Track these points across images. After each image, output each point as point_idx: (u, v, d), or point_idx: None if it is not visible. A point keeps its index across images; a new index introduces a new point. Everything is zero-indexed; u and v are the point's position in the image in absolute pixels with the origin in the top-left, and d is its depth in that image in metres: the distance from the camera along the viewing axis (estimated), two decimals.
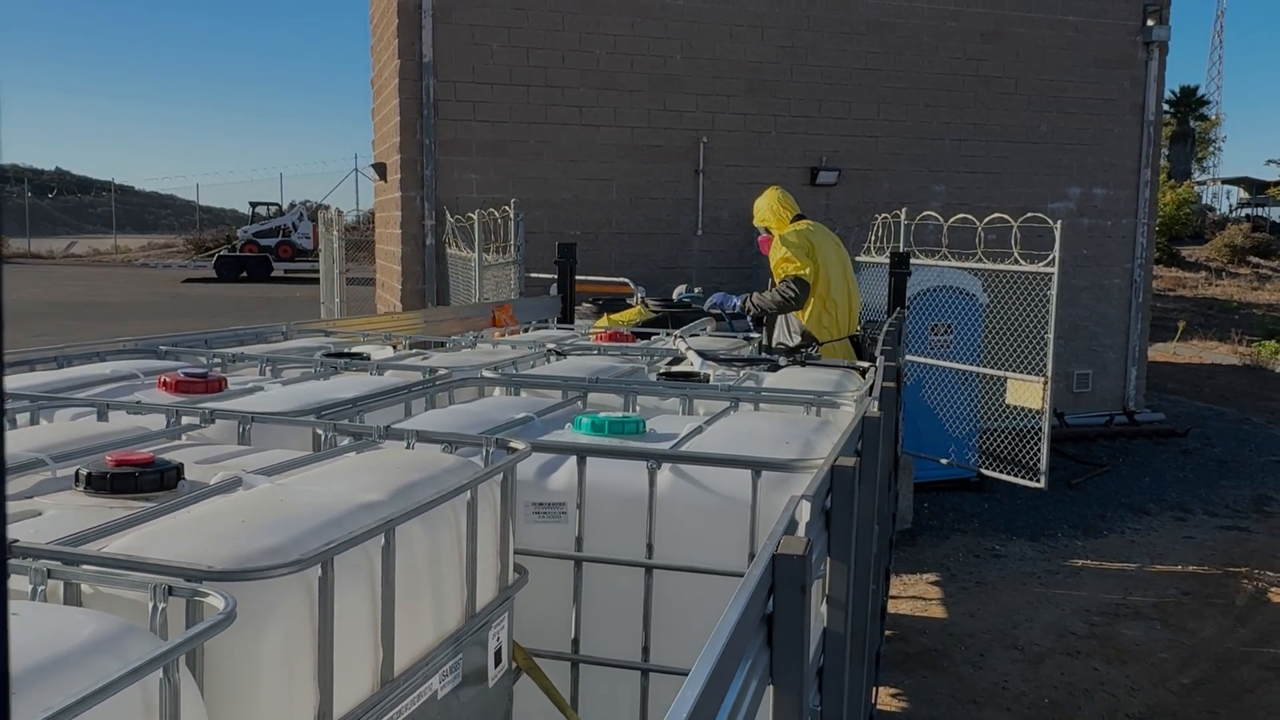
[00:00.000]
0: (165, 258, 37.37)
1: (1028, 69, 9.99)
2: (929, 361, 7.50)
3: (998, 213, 7.45)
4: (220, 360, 2.93)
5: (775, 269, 5.45)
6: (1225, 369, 14.98)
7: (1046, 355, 6.80)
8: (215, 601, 1.07)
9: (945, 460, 7.38)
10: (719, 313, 5.79)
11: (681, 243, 9.22)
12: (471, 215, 7.58)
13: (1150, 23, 10.21)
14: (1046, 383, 6.71)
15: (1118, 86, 10.29)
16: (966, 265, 7.33)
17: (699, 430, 2.15)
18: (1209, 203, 39.51)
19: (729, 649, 0.87)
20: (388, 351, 3.30)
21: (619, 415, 2.19)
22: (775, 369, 3.17)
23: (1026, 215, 7.09)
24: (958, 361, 7.47)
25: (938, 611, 5.66)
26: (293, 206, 33.67)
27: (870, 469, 1.84)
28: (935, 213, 7.88)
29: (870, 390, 2.50)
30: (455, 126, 8.62)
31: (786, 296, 5.30)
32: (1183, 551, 6.74)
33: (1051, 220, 6.85)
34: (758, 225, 5.79)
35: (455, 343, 3.63)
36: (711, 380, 2.82)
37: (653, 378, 2.88)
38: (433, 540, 1.49)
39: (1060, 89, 10.11)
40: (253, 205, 33.70)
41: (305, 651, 1.22)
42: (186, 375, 2.38)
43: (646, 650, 1.88)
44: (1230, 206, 41.59)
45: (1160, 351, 15.43)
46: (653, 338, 4.10)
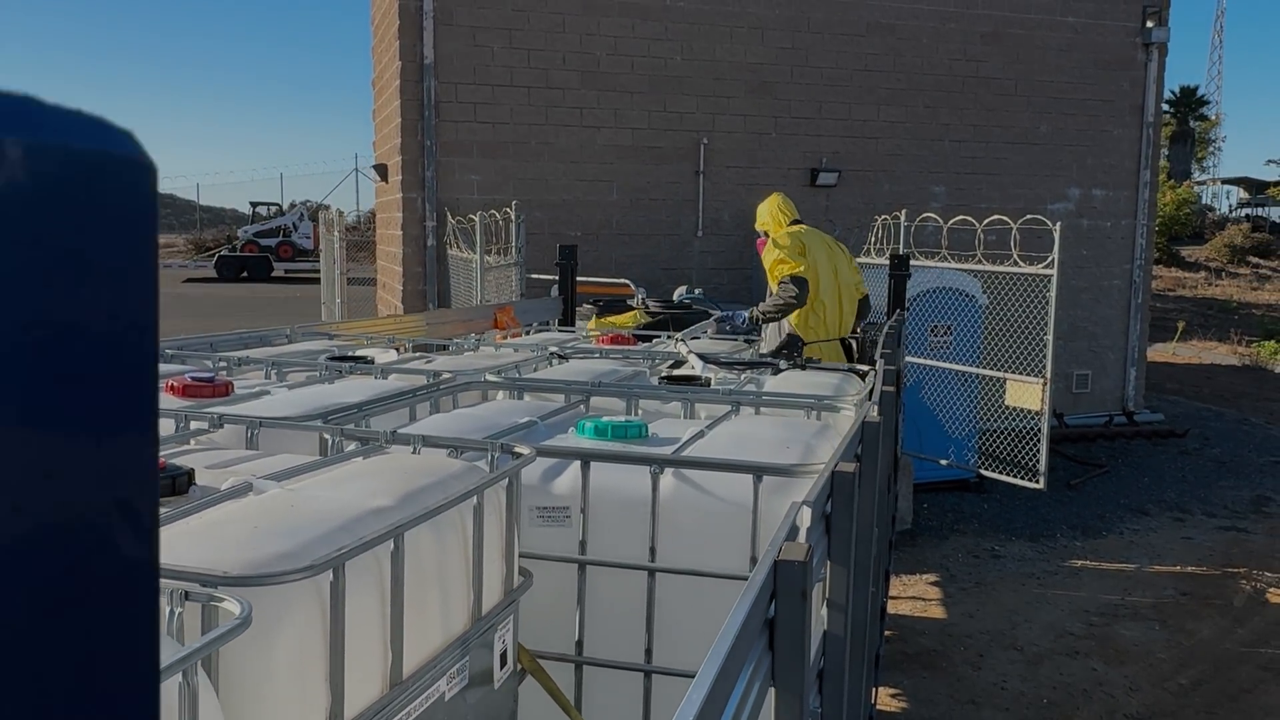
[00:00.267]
0: (166, 257, 37.37)
1: (1027, 70, 10.02)
2: (929, 363, 7.53)
3: (997, 214, 7.47)
4: (226, 364, 2.96)
5: (770, 271, 5.53)
6: (1225, 369, 15.00)
7: (1046, 356, 6.82)
8: (231, 606, 1.10)
9: (945, 461, 7.41)
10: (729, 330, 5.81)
11: (682, 244, 9.25)
12: (473, 217, 7.60)
13: (1149, 24, 10.23)
14: (1046, 384, 6.74)
15: (1117, 88, 10.32)
16: (966, 267, 7.35)
17: (701, 435, 2.18)
18: (1209, 203, 39.53)
19: (733, 653, 0.90)
20: (391, 355, 3.33)
21: (622, 420, 2.22)
22: (776, 372, 3.20)
23: (1026, 217, 7.11)
24: (957, 362, 7.49)
25: (937, 612, 5.68)
26: (293, 206, 33.68)
27: (870, 473, 1.87)
28: (935, 214, 7.91)
29: (870, 394, 2.53)
30: (456, 128, 8.65)
31: (788, 296, 5.35)
32: (1181, 552, 6.77)
33: (1051, 221, 6.87)
34: (759, 229, 5.86)
35: (458, 346, 3.65)
36: (713, 384, 2.85)
37: (654, 381, 2.91)
38: (440, 545, 1.52)
39: (1060, 90, 10.13)
40: (253, 205, 33.71)
41: (317, 654, 1.25)
42: (194, 379, 2.41)
43: (649, 652, 1.91)
44: (1230, 206, 41.61)
45: (1160, 352, 15.46)
46: (654, 340, 4.12)
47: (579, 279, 6.63)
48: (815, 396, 2.59)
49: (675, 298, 7.80)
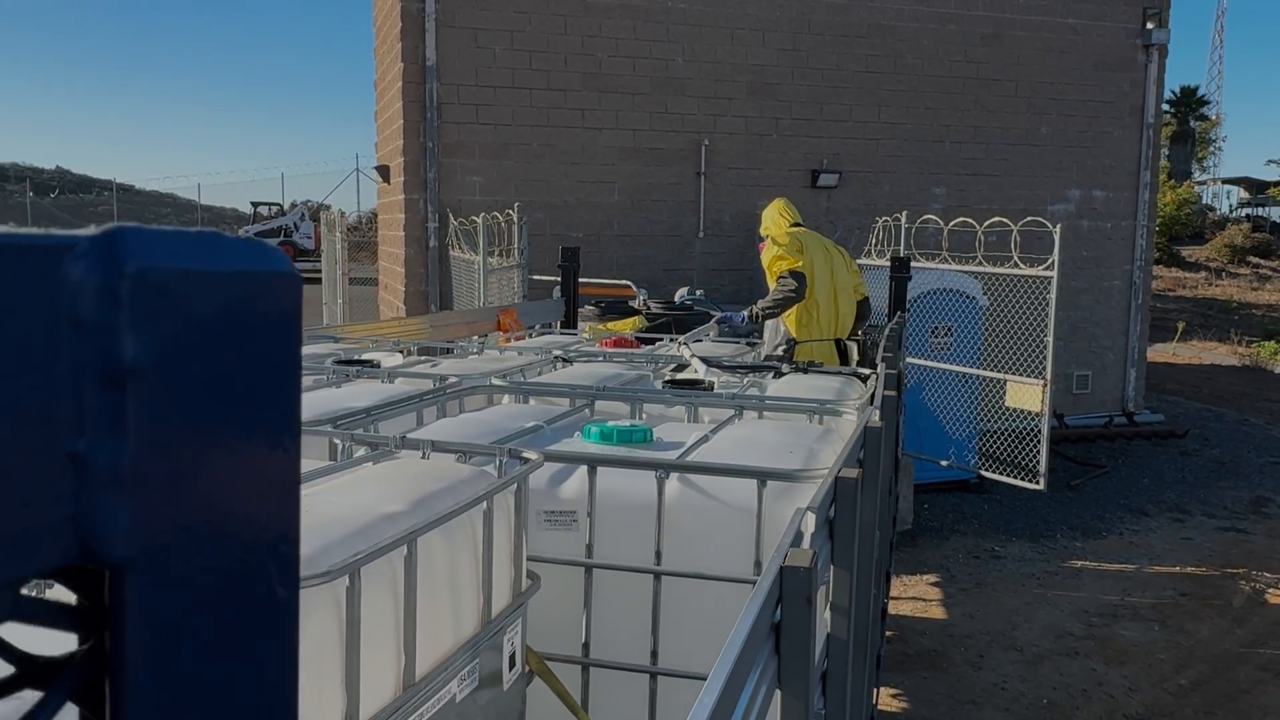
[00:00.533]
0: None
1: (1028, 72, 10.05)
2: (929, 364, 7.55)
3: (998, 215, 7.50)
4: None
5: (769, 269, 5.62)
6: (1225, 370, 15.03)
7: (1046, 358, 6.85)
8: None
9: (945, 462, 7.44)
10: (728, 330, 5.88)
11: (683, 245, 9.27)
12: (475, 218, 7.63)
13: (1150, 25, 10.26)
14: (1046, 385, 6.76)
15: (1117, 89, 10.34)
16: (967, 268, 7.38)
17: (705, 439, 2.21)
18: (1209, 203, 39.54)
19: (741, 657, 0.92)
20: (397, 358, 3.35)
21: (627, 424, 2.25)
22: (778, 375, 3.23)
23: (1026, 219, 7.14)
24: (958, 363, 7.52)
25: (937, 612, 5.71)
26: (294, 206, 33.71)
27: (872, 478, 1.90)
28: (935, 215, 7.94)
29: (872, 399, 2.56)
30: (458, 129, 8.67)
31: (786, 290, 5.42)
32: (1181, 553, 6.79)
33: (1051, 222, 6.90)
34: (762, 233, 5.93)
35: (462, 349, 3.68)
36: (716, 387, 2.88)
37: (658, 385, 2.94)
38: (451, 549, 1.55)
39: (1060, 92, 10.16)
40: (254, 205, 33.73)
41: (333, 657, 1.28)
42: None
43: (655, 654, 1.94)
44: (1230, 206, 41.61)
45: (1160, 352, 15.48)
46: (656, 343, 4.15)
47: (580, 280, 6.66)
48: (818, 401, 2.62)
49: (676, 299, 7.83)
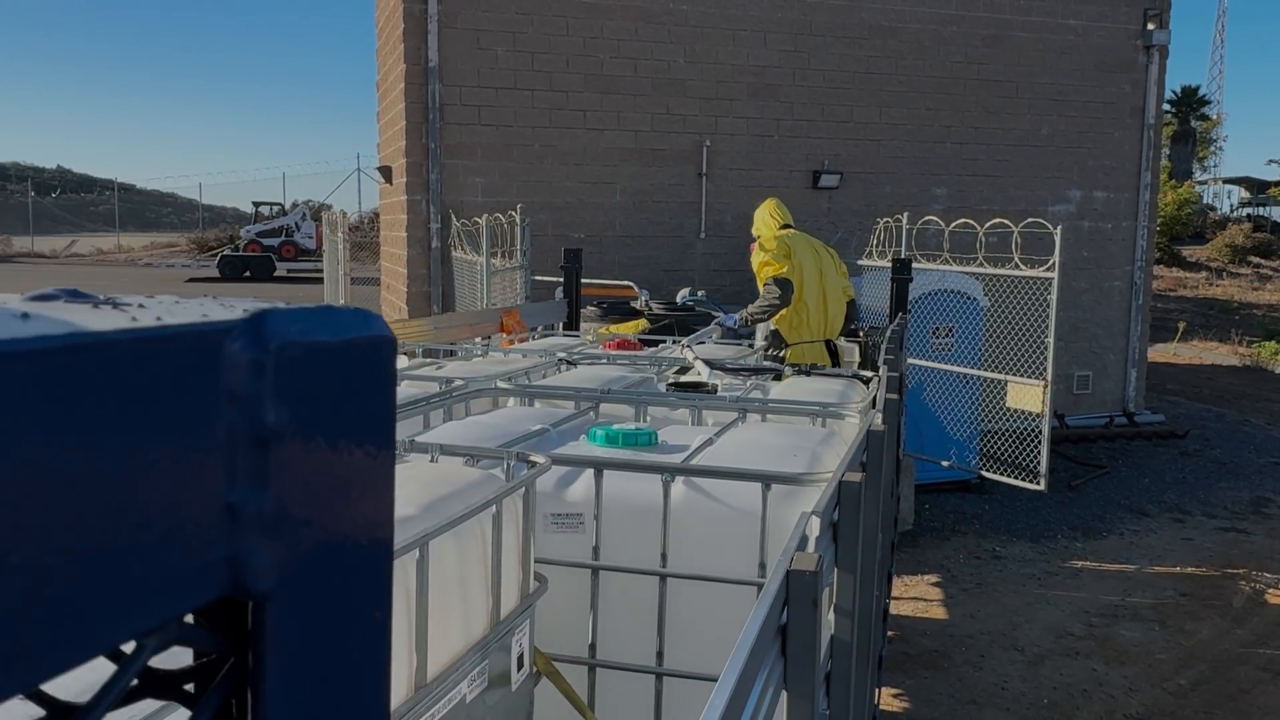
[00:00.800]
0: (169, 257, 37.46)
1: (1028, 73, 10.06)
2: (930, 365, 7.58)
3: (999, 216, 7.51)
4: None
5: (757, 274, 5.74)
6: (1225, 370, 15.05)
7: (1046, 359, 6.87)
8: None
9: (946, 463, 7.46)
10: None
11: (685, 246, 9.29)
12: (477, 219, 7.65)
13: (1150, 26, 10.28)
14: (1046, 386, 6.78)
15: (1118, 90, 10.36)
16: (968, 269, 7.40)
17: (709, 442, 2.23)
18: (1210, 202, 39.55)
19: (750, 659, 0.95)
20: (402, 360, 3.38)
21: (632, 427, 2.27)
22: (778, 377, 3.25)
23: (1027, 220, 7.16)
24: (959, 364, 7.54)
25: (938, 612, 5.73)
26: (295, 206, 33.73)
27: (875, 481, 1.92)
28: (936, 216, 7.96)
29: (874, 402, 2.58)
30: (460, 130, 8.69)
31: (771, 298, 5.55)
32: (1181, 553, 6.82)
33: (1052, 223, 6.92)
34: (753, 233, 6.02)
35: (467, 351, 3.70)
36: (719, 390, 2.90)
37: (662, 388, 2.96)
38: (461, 552, 1.57)
39: (1061, 93, 10.18)
40: (255, 205, 33.74)
41: None
42: None
43: (660, 654, 1.96)
44: (1231, 206, 41.62)
45: (1160, 352, 15.50)
46: (659, 345, 4.18)
47: (582, 281, 6.69)
48: (820, 404, 2.64)
49: (678, 300, 7.85)
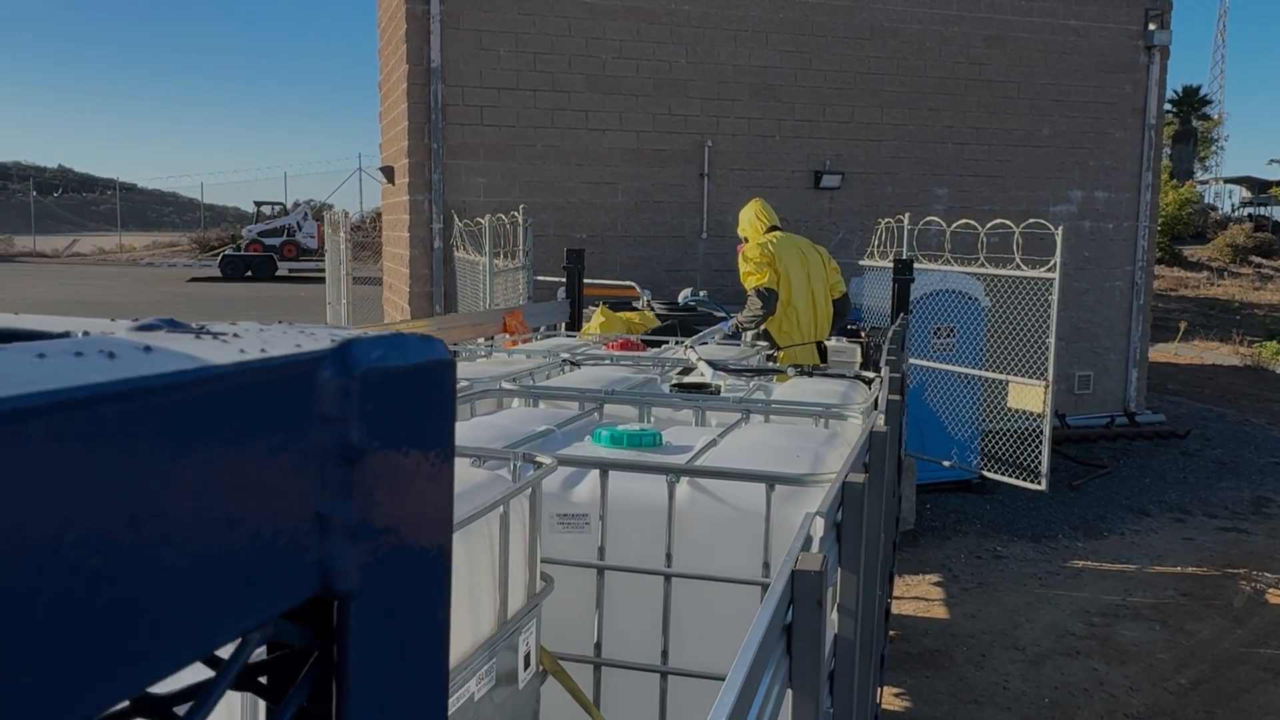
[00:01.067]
0: (170, 256, 37.51)
1: (1030, 73, 10.08)
2: (932, 365, 7.59)
3: (1000, 216, 7.53)
4: None
5: (743, 281, 5.85)
6: (1226, 370, 15.06)
7: (1048, 359, 6.89)
8: None
9: (948, 463, 7.47)
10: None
11: (686, 246, 9.31)
12: (480, 220, 7.67)
13: (1151, 27, 10.29)
14: (1048, 386, 6.80)
15: (1119, 90, 10.38)
16: (969, 270, 7.42)
17: (713, 443, 2.25)
18: (1211, 202, 39.55)
19: (757, 658, 0.97)
20: None
21: (637, 428, 2.29)
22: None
23: (1029, 220, 7.18)
24: (960, 364, 7.56)
25: (940, 612, 5.75)
26: (297, 206, 33.77)
27: (877, 482, 1.94)
28: (937, 216, 7.97)
29: (876, 403, 2.60)
30: (463, 131, 8.72)
31: (754, 309, 5.71)
32: (1182, 553, 6.83)
33: (1053, 223, 6.94)
34: (739, 234, 6.13)
35: (471, 352, 3.72)
36: (722, 391, 2.92)
37: (665, 388, 2.98)
38: (469, 552, 1.59)
39: (1062, 93, 10.19)
40: (257, 205, 33.79)
41: None
42: None
43: (665, 653, 1.98)
44: (1232, 206, 41.64)
45: (1161, 352, 15.51)
46: (662, 346, 4.20)
47: (584, 281, 6.71)
48: (823, 404, 2.66)
49: (680, 300, 7.87)
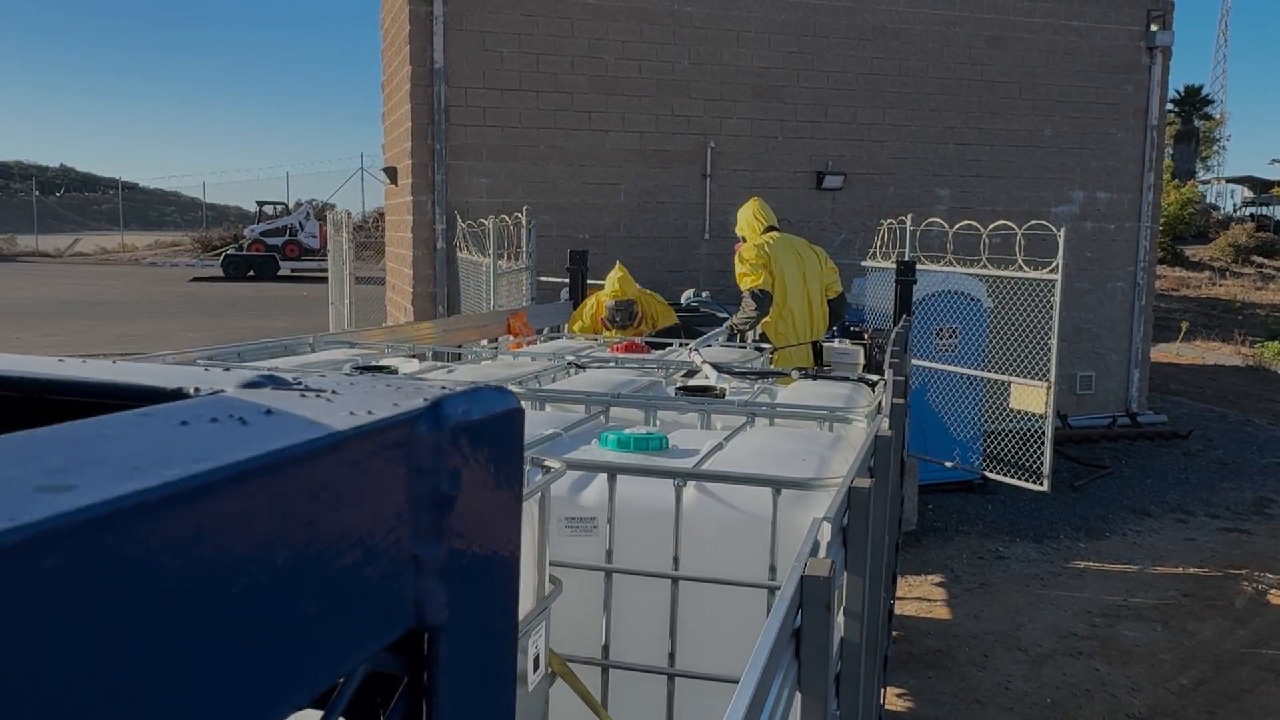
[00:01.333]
0: (173, 256, 37.55)
1: (1032, 74, 10.10)
2: (934, 366, 7.61)
3: (1002, 216, 7.56)
4: None
5: (738, 282, 5.93)
6: (1228, 370, 15.07)
7: (1050, 360, 6.91)
8: None
9: (950, 463, 7.49)
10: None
11: (689, 246, 9.33)
12: (483, 220, 7.69)
13: (1154, 28, 10.30)
14: (1050, 387, 6.82)
15: (1121, 91, 10.39)
16: (971, 271, 7.44)
17: (719, 447, 2.27)
18: (1213, 202, 39.56)
19: (769, 662, 0.99)
20: (414, 364, 3.42)
21: (643, 432, 2.31)
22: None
23: (1031, 222, 7.19)
24: (962, 365, 7.58)
25: (942, 612, 5.77)
26: (299, 205, 33.81)
27: (882, 486, 1.96)
28: (939, 217, 7.99)
29: (880, 407, 2.62)
30: (466, 131, 8.74)
31: (748, 311, 5.79)
32: (1184, 553, 6.85)
33: (1055, 224, 6.95)
34: (737, 233, 6.23)
35: (476, 354, 3.74)
36: (727, 394, 2.94)
37: (671, 391, 3.00)
38: None
39: (1064, 94, 10.21)
40: (259, 204, 33.82)
41: None
42: None
43: (672, 656, 2.01)
44: (1234, 206, 41.65)
45: (1163, 352, 15.52)
46: (667, 349, 4.22)
47: (587, 281, 6.73)
48: (827, 408, 2.68)
49: (682, 301, 7.89)
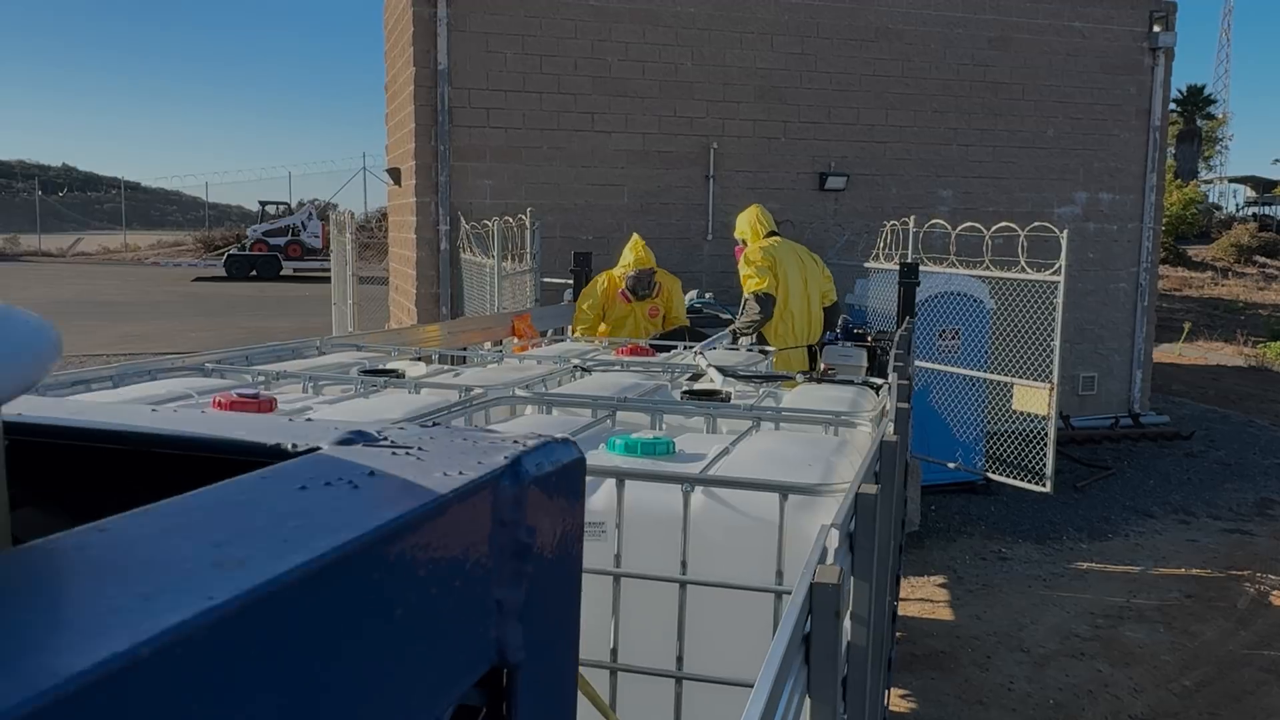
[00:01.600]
0: (175, 256, 37.59)
1: (1034, 75, 10.11)
2: (937, 367, 7.63)
3: (1004, 217, 7.58)
4: (264, 377, 3.07)
5: (743, 285, 6.05)
6: (1230, 370, 15.07)
7: (1053, 361, 6.92)
8: None
9: (953, 464, 7.51)
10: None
11: (692, 248, 9.35)
12: (487, 222, 7.71)
13: (1156, 29, 10.31)
14: (1052, 389, 6.83)
15: (1124, 92, 10.40)
16: (974, 273, 7.45)
17: (726, 452, 2.29)
18: (1215, 201, 39.55)
19: (782, 668, 1.01)
20: (421, 367, 3.44)
21: (650, 437, 2.33)
22: (792, 385, 3.32)
23: (1034, 224, 7.21)
24: (965, 366, 7.59)
25: (945, 613, 5.79)
26: (301, 205, 33.85)
27: (888, 492, 1.98)
28: (942, 218, 8.01)
29: (885, 411, 2.64)
30: (469, 133, 8.76)
31: (752, 314, 5.90)
32: (1186, 554, 6.86)
33: (1058, 225, 6.96)
34: (737, 237, 6.35)
35: (482, 357, 3.77)
36: (733, 398, 2.96)
37: (676, 395, 3.02)
38: None
39: (1066, 95, 10.22)
40: (262, 204, 33.87)
41: None
42: (240, 396, 2.52)
43: (681, 659, 2.02)
44: (1237, 205, 41.64)
45: (1165, 353, 15.52)
46: (671, 351, 4.24)
47: None
48: (832, 412, 2.70)
49: (686, 302, 7.90)
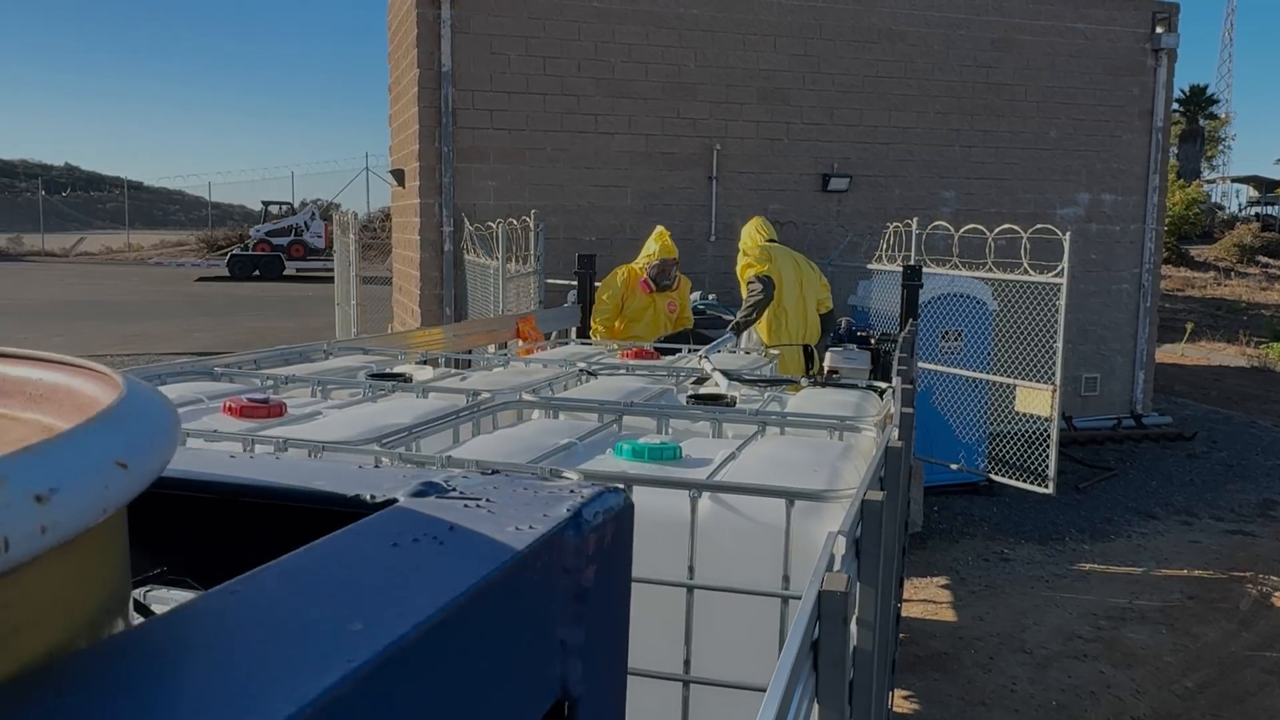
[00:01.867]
0: (178, 255, 37.64)
1: (1037, 76, 10.12)
2: (939, 368, 7.64)
3: (1007, 218, 7.60)
4: (273, 381, 3.10)
5: (741, 277, 6.13)
6: (1233, 371, 15.07)
7: (1055, 363, 6.94)
8: None
9: (955, 465, 7.52)
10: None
11: (695, 249, 9.37)
12: (490, 224, 7.73)
13: (1159, 30, 10.32)
14: (1055, 390, 6.85)
15: (1126, 93, 10.41)
16: (977, 275, 7.47)
17: (732, 457, 2.31)
18: (1218, 201, 39.52)
19: (792, 674, 1.03)
20: (427, 371, 3.46)
21: (657, 442, 2.35)
22: (797, 389, 3.34)
23: (1036, 226, 7.22)
24: (968, 368, 7.61)
25: (948, 614, 5.81)
26: (304, 205, 33.88)
27: (893, 497, 2.00)
28: (945, 219, 8.03)
29: (889, 416, 2.66)
30: (473, 134, 8.79)
31: (755, 294, 5.89)
32: (1188, 556, 6.88)
33: (1060, 226, 6.98)
34: (740, 247, 6.38)
35: (489, 360, 3.79)
36: (738, 402, 2.98)
37: (682, 400, 3.04)
38: None
39: (1069, 96, 10.23)
40: (265, 204, 33.90)
41: None
42: (250, 400, 2.54)
43: (687, 663, 2.04)
44: (1239, 205, 41.60)
45: (1168, 353, 15.53)
46: (676, 355, 4.27)
47: (594, 285, 6.75)
48: (838, 417, 2.72)
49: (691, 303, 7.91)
